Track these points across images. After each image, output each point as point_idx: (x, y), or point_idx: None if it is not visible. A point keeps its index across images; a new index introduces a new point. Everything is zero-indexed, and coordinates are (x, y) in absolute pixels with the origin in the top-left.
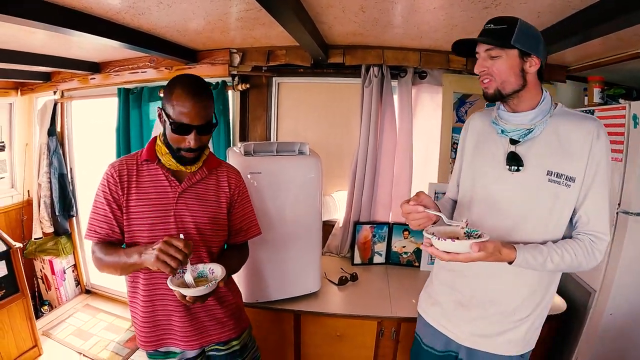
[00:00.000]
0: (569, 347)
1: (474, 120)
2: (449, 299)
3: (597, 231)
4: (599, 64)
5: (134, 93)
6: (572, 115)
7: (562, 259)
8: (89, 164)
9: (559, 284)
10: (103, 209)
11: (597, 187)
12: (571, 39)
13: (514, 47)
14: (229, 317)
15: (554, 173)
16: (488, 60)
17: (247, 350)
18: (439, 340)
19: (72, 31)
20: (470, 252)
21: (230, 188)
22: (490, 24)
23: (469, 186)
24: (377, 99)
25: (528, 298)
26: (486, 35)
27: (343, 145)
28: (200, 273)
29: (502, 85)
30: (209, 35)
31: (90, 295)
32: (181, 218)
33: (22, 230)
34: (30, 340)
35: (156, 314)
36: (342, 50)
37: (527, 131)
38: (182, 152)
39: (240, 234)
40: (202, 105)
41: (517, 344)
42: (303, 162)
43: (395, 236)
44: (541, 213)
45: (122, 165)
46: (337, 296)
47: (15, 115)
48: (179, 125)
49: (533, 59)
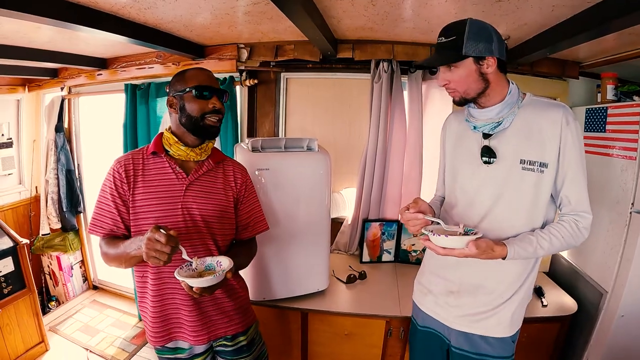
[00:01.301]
0: (579, 349)
1: (449, 122)
2: (439, 287)
3: (580, 210)
4: (613, 60)
5: (141, 89)
6: (540, 103)
7: (550, 244)
8: (97, 160)
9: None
10: (107, 205)
11: (573, 170)
12: (585, 33)
13: (466, 56)
14: (236, 311)
15: (527, 161)
16: (447, 73)
17: (255, 345)
18: (432, 322)
19: (78, 26)
20: (464, 248)
21: (236, 183)
22: (442, 36)
23: (451, 184)
24: (386, 95)
25: (513, 281)
26: (438, 51)
27: (352, 141)
28: (207, 266)
29: (466, 93)
30: (216, 29)
31: (97, 291)
32: (188, 210)
33: (29, 227)
34: (37, 336)
35: (165, 308)
36: (351, 45)
37: (496, 124)
38: (207, 119)
39: (248, 230)
40: (213, 75)
41: (505, 324)
42: (311, 159)
43: (405, 234)
44: (526, 201)
45: (128, 160)
46: (345, 295)
47: (23, 111)
48: (202, 89)
49: (488, 60)
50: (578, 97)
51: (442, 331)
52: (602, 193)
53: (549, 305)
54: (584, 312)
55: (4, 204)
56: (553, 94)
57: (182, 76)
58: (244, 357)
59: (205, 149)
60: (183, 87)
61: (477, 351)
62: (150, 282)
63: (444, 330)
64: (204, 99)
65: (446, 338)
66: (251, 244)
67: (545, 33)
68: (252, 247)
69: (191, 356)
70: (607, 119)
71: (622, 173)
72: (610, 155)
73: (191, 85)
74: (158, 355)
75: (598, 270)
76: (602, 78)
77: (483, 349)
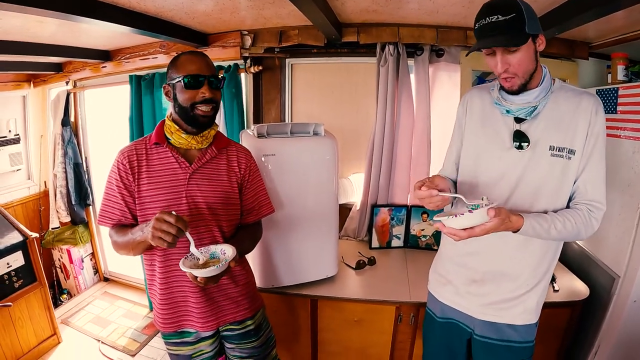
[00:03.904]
0: (591, 334)
1: (471, 99)
2: (461, 277)
3: (595, 200)
4: (623, 40)
5: (146, 80)
6: (570, 90)
7: (564, 227)
8: (104, 153)
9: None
10: (114, 196)
11: (595, 160)
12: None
13: (529, 35)
14: (243, 297)
15: (556, 147)
16: (508, 56)
17: (262, 330)
18: (453, 313)
19: (79, 17)
20: (484, 223)
21: (240, 168)
22: (496, 14)
23: (471, 165)
24: (393, 79)
25: (536, 267)
26: (499, 31)
27: (359, 126)
28: (212, 254)
29: (525, 78)
30: (218, 16)
31: (108, 283)
32: (193, 199)
33: (39, 221)
34: (49, 329)
35: (173, 295)
36: (356, 29)
37: (532, 108)
38: (197, 109)
39: (252, 213)
40: (207, 60)
41: (531, 311)
42: (318, 144)
43: (414, 219)
44: (550, 187)
45: (131, 151)
46: (354, 281)
47: (29, 107)
48: (191, 78)
49: (540, 37)
50: (588, 78)
51: (465, 321)
52: (613, 176)
53: (560, 290)
54: (595, 297)
55: (14, 200)
56: (562, 75)
57: (175, 63)
58: (252, 341)
59: (207, 137)
60: (174, 76)
61: (502, 337)
62: (158, 270)
63: (467, 320)
64: (193, 88)
65: (468, 327)
66: (256, 227)
67: (554, 11)
68: (257, 231)
69: (198, 340)
70: (618, 100)
71: (634, 155)
72: (621, 137)
73: (181, 74)
74: (165, 340)
75: (610, 255)
76: (612, 58)
77: (508, 335)
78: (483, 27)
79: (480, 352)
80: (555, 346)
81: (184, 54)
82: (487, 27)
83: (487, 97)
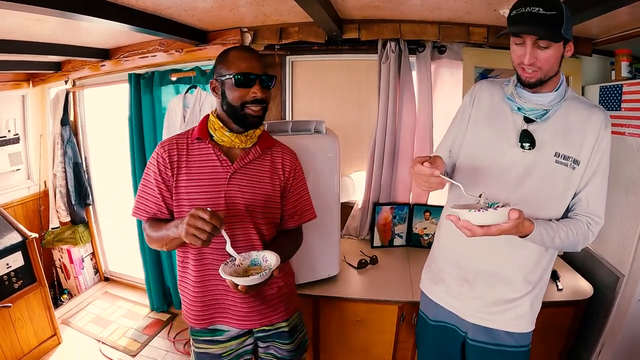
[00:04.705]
0: (595, 334)
1: (482, 90)
2: (453, 276)
3: (595, 214)
4: (627, 36)
5: (145, 78)
6: (582, 102)
7: (567, 236)
8: (104, 152)
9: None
10: (152, 189)
11: (600, 174)
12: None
13: (563, 37)
14: (280, 301)
15: (562, 155)
16: (537, 50)
17: (297, 333)
18: (445, 315)
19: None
20: (500, 223)
21: (284, 170)
22: (537, 6)
23: (470, 156)
24: (394, 76)
25: (530, 272)
26: (537, 22)
27: (361, 124)
28: (253, 261)
29: (545, 75)
30: (217, 13)
31: (109, 283)
32: (232, 199)
33: (39, 221)
34: (50, 329)
35: (207, 293)
36: (357, 25)
37: (544, 112)
38: (247, 108)
39: (294, 218)
40: (258, 58)
41: (523, 319)
42: (319, 142)
43: (416, 217)
44: (551, 194)
45: (172, 144)
46: (356, 280)
47: (29, 106)
48: (243, 76)
49: (570, 44)
50: (591, 75)
51: (457, 324)
52: (617, 174)
53: (564, 289)
54: (599, 296)
55: (14, 200)
56: (565, 72)
57: (224, 58)
58: (286, 343)
59: (252, 136)
60: (224, 72)
61: (495, 342)
62: (192, 267)
63: (460, 323)
64: (244, 87)
65: (461, 331)
66: (297, 233)
67: None
68: (298, 237)
69: (229, 339)
70: (622, 96)
71: (638, 152)
72: (625, 134)
73: (232, 71)
74: (193, 337)
75: (614, 254)
76: (616, 55)
77: (502, 339)
78: (522, 14)
79: (474, 357)
80: (558, 345)
81: (234, 50)
82: (526, 15)
83: (498, 91)
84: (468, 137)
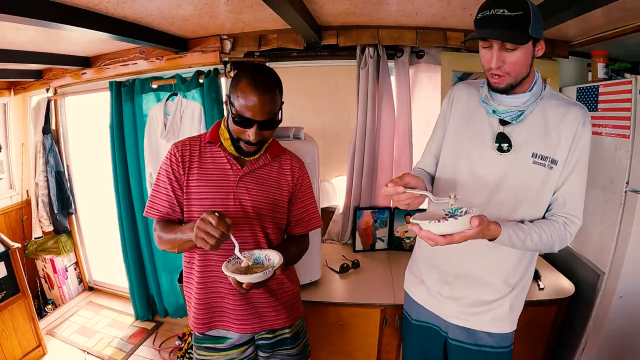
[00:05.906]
0: (578, 331)
1: (459, 94)
2: (433, 277)
3: (572, 214)
4: (603, 38)
5: (126, 86)
6: (559, 99)
7: (540, 238)
8: (86, 160)
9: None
10: (165, 188)
11: (577, 173)
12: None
13: (531, 37)
14: (283, 306)
15: (539, 155)
16: (504, 53)
17: (300, 339)
18: (427, 316)
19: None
20: (464, 230)
21: (292, 177)
22: (502, 8)
23: (450, 162)
24: (373, 81)
25: (510, 274)
26: (502, 25)
27: (340, 129)
28: (256, 259)
29: (515, 79)
30: (197, 21)
31: (93, 292)
32: (240, 201)
33: (22, 231)
34: (34, 340)
35: (209, 296)
36: (335, 31)
37: (519, 113)
38: (241, 143)
39: (300, 225)
40: (267, 99)
41: (503, 320)
42: (298, 148)
43: (397, 221)
44: (530, 195)
45: (185, 145)
46: (338, 284)
47: (10, 115)
48: (241, 118)
49: (541, 43)
50: (568, 76)
51: (439, 324)
52: (596, 173)
53: (545, 288)
54: (581, 294)
55: None
56: (543, 74)
57: (236, 83)
58: (288, 349)
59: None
60: (231, 98)
61: (476, 342)
62: (197, 269)
63: (441, 323)
64: (242, 127)
65: (443, 331)
66: (303, 239)
67: None
68: (304, 242)
69: (231, 347)
70: (599, 97)
71: (616, 152)
72: (602, 135)
73: (235, 105)
74: (196, 344)
75: (594, 252)
76: (592, 56)
77: (482, 339)
78: (486, 17)
79: (455, 357)
80: (542, 344)
81: (245, 78)
82: (491, 18)
83: (474, 93)
84: (446, 141)
